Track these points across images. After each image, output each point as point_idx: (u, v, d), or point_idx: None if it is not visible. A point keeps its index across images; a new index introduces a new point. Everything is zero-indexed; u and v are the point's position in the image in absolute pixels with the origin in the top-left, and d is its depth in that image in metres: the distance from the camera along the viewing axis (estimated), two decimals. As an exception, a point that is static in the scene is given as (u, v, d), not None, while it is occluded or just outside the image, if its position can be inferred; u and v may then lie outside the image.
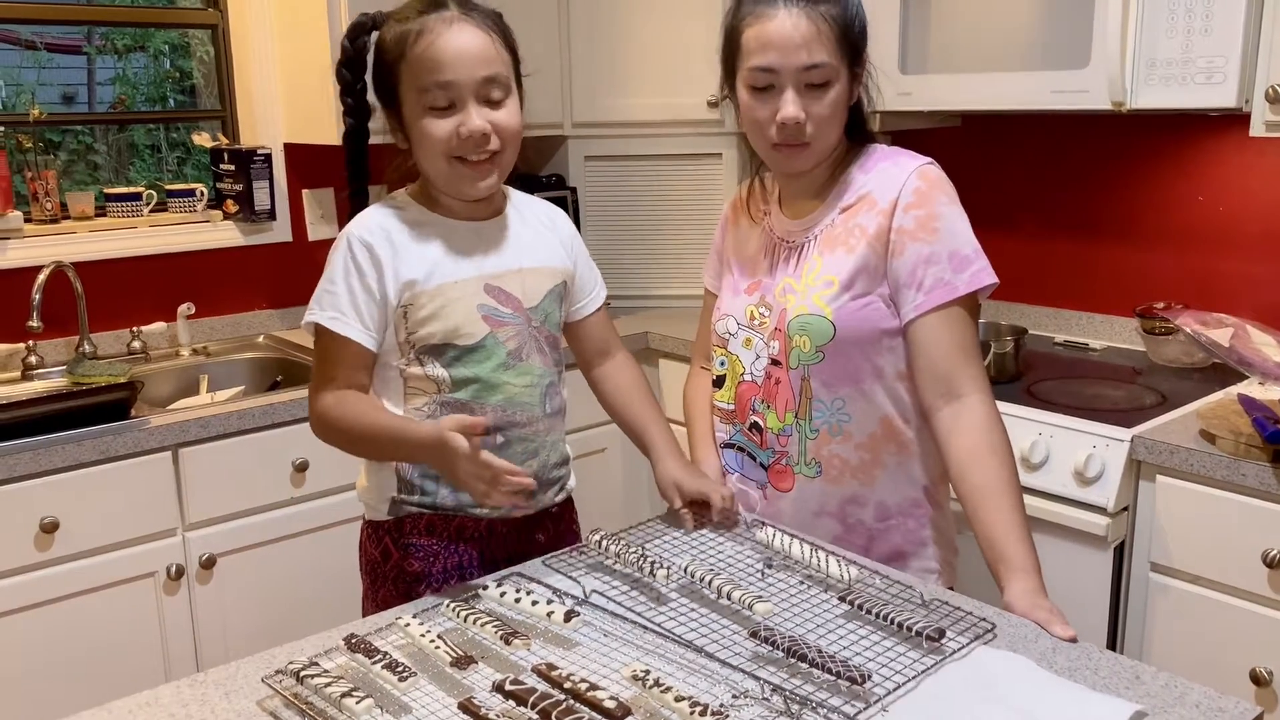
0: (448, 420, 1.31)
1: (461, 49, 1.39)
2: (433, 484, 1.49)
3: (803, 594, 1.31)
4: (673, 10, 2.94)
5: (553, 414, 1.55)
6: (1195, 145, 2.44)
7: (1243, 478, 1.79)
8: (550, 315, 1.54)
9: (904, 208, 1.44)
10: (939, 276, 1.42)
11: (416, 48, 1.39)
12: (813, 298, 1.47)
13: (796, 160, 1.49)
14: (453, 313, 1.44)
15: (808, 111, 1.43)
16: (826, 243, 1.50)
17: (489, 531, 1.51)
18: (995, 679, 1.11)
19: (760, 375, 1.55)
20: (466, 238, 1.48)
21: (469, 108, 1.39)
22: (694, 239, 3.10)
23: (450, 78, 1.38)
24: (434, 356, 1.45)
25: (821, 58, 1.41)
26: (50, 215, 2.58)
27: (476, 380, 1.45)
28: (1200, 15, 1.99)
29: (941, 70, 2.40)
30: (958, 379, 1.43)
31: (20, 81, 2.84)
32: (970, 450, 1.40)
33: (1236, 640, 1.84)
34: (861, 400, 1.48)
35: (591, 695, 1.03)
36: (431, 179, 1.47)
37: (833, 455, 1.50)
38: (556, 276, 1.55)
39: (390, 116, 1.47)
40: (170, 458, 2.17)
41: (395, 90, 1.43)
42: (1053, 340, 2.65)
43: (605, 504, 2.89)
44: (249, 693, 1.12)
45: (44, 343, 2.54)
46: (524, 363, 1.49)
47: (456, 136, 1.39)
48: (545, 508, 1.57)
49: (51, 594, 2.06)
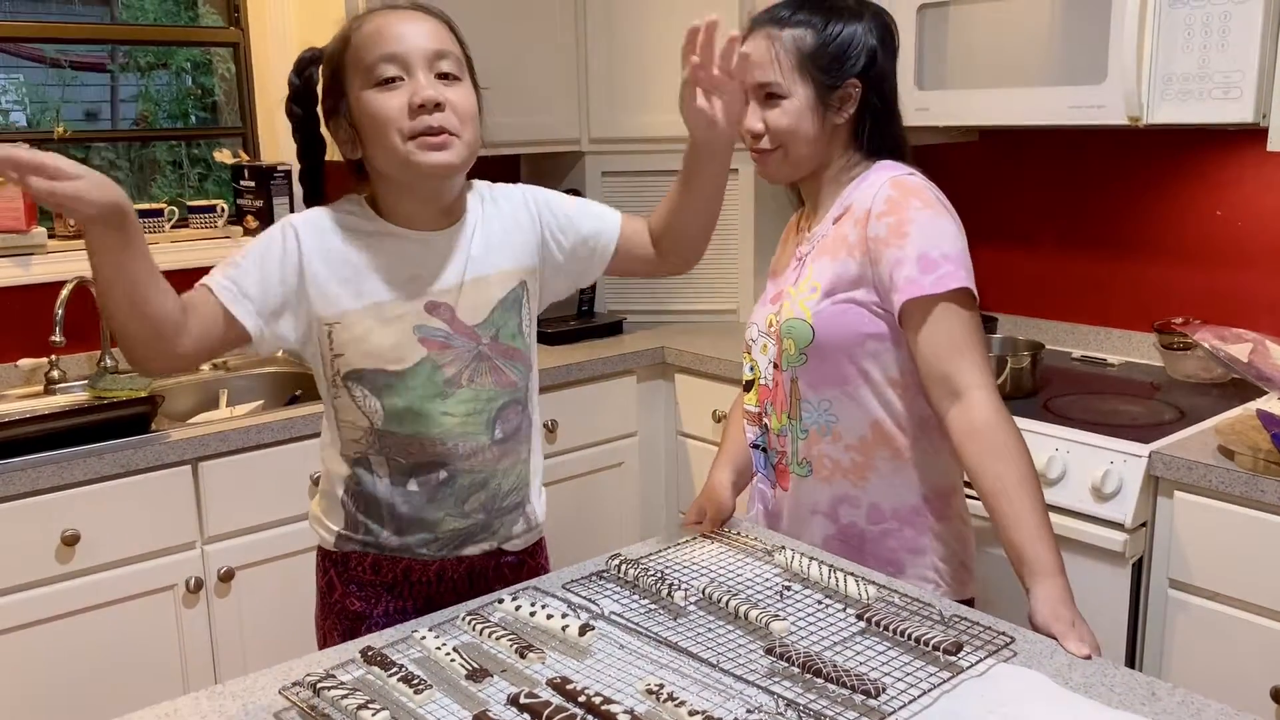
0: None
1: (407, 22, 1.32)
2: (376, 525, 1.41)
3: (820, 611, 1.31)
4: (688, 26, 2.95)
5: (505, 439, 1.43)
6: (1212, 160, 2.43)
7: (1262, 494, 1.78)
8: (505, 326, 1.41)
9: (876, 216, 1.49)
10: (908, 276, 1.45)
11: (359, 34, 1.32)
12: (799, 303, 1.55)
13: (766, 166, 1.61)
14: (385, 334, 1.34)
15: (765, 121, 1.55)
16: (820, 251, 1.57)
17: (437, 578, 1.44)
18: (1011, 695, 1.10)
19: (769, 379, 1.62)
20: (413, 251, 1.37)
21: (418, 77, 1.29)
22: (710, 255, 3.07)
23: (398, 49, 1.30)
24: (362, 384, 1.36)
25: (771, 78, 1.54)
26: (73, 231, 2.61)
27: (410, 411, 1.36)
28: (1217, 30, 1.99)
29: (958, 86, 2.40)
30: (955, 375, 1.44)
31: (45, 99, 2.88)
32: (978, 454, 1.41)
33: (1257, 658, 1.83)
34: (848, 402, 1.53)
35: (606, 709, 1.03)
36: (387, 171, 1.34)
37: (822, 455, 1.56)
38: (512, 280, 1.42)
39: (340, 127, 1.36)
40: (190, 471, 2.18)
41: (342, 88, 1.34)
42: (1070, 355, 2.64)
43: (622, 518, 2.89)
44: (267, 704, 1.13)
45: (66, 357, 2.57)
46: (465, 388, 1.38)
47: (409, 108, 1.29)
48: (501, 550, 1.48)
49: (72, 606, 2.07)
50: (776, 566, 1.43)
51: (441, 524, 1.42)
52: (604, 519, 2.86)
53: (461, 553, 1.45)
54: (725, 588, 1.33)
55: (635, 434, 2.89)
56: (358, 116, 1.33)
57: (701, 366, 2.76)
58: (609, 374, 2.79)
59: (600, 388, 2.79)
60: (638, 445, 2.90)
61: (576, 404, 2.74)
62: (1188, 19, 2.02)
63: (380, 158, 1.34)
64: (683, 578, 1.40)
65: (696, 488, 2.72)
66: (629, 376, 2.84)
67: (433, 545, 1.43)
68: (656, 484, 2.97)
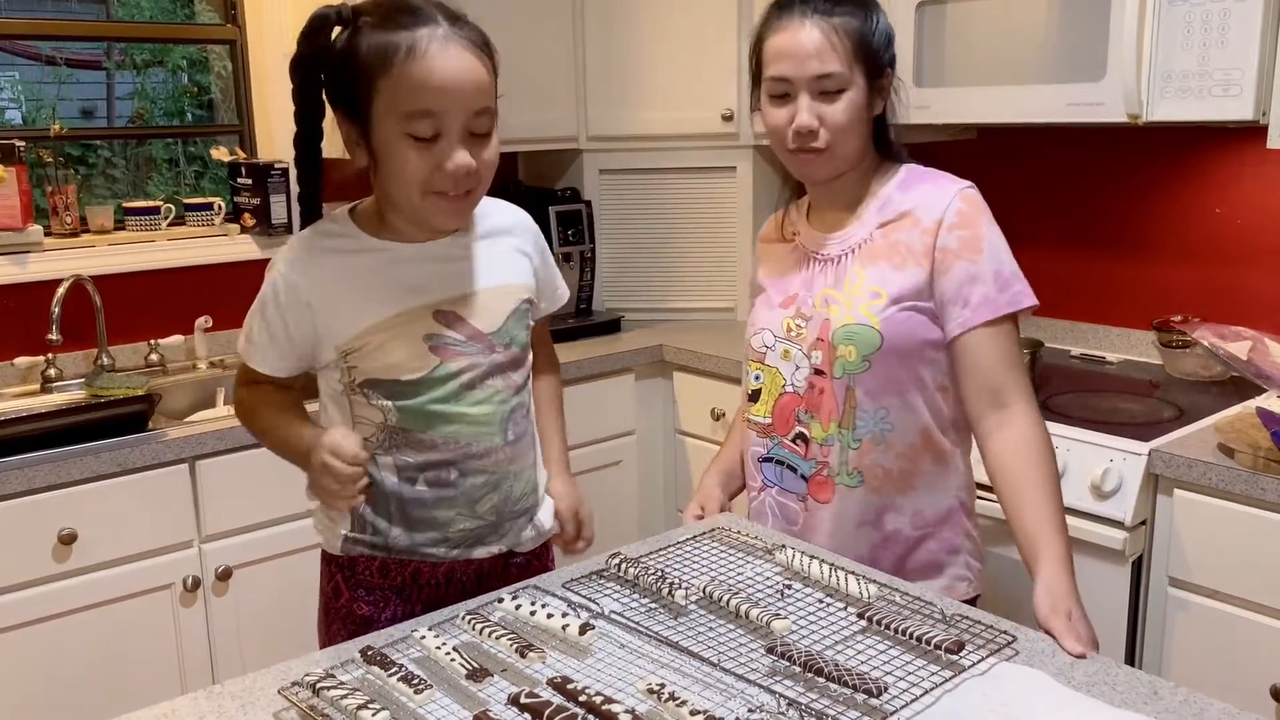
0: (329, 436, 1.28)
1: (456, 77, 1.24)
2: (384, 523, 1.41)
3: (821, 610, 1.30)
4: (688, 24, 2.95)
5: (516, 440, 1.43)
6: (1212, 158, 2.43)
7: (1262, 492, 1.78)
8: (517, 337, 1.42)
9: (948, 228, 1.47)
10: (985, 294, 1.45)
11: (404, 67, 1.23)
12: (859, 308, 1.49)
13: (814, 166, 1.52)
14: (393, 349, 1.34)
15: (822, 118, 1.47)
16: (867, 256, 1.52)
17: (446, 580, 1.44)
18: (1013, 695, 1.10)
19: (802, 386, 1.55)
20: (413, 263, 1.37)
21: (454, 142, 1.26)
22: (708, 252, 3.11)
23: (441, 108, 1.24)
24: (376, 390, 1.36)
25: (833, 67, 1.46)
26: (70, 229, 2.61)
27: (424, 412, 1.36)
28: (1216, 28, 1.98)
29: (957, 83, 2.40)
30: (1005, 390, 1.46)
31: (41, 97, 2.87)
32: (1013, 450, 1.44)
33: (1257, 656, 1.83)
34: (905, 410, 1.50)
35: (607, 709, 1.03)
36: (396, 206, 1.34)
37: (875, 465, 1.52)
38: (520, 294, 1.44)
39: (351, 128, 1.31)
40: (187, 470, 2.18)
41: (366, 105, 1.27)
42: (1069, 353, 2.64)
43: (621, 517, 2.89)
44: (266, 704, 1.12)
45: (63, 355, 2.56)
46: (479, 390, 1.38)
47: (438, 171, 1.27)
48: (510, 552, 1.48)
49: (69, 606, 2.07)
50: (777, 565, 1.42)
51: (453, 524, 1.42)
52: (602, 517, 2.81)
53: (471, 554, 1.44)
54: (726, 586, 1.32)
55: (633, 432, 2.88)
56: (379, 148, 1.29)
57: (700, 364, 2.76)
58: (607, 372, 2.79)
59: (598, 386, 2.78)
60: (636, 443, 2.90)
61: (574, 402, 2.70)
62: (1187, 16, 2.02)
63: (395, 194, 1.33)
64: (683, 576, 1.39)
65: (695, 486, 2.71)
66: (627, 374, 2.84)
67: (443, 546, 1.42)
68: (655, 482, 2.97)
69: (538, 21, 2.94)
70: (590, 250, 3.07)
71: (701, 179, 3.07)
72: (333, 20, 1.29)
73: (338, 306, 1.35)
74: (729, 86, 2.94)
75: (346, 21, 1.28)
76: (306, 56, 1.31)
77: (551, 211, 2.96)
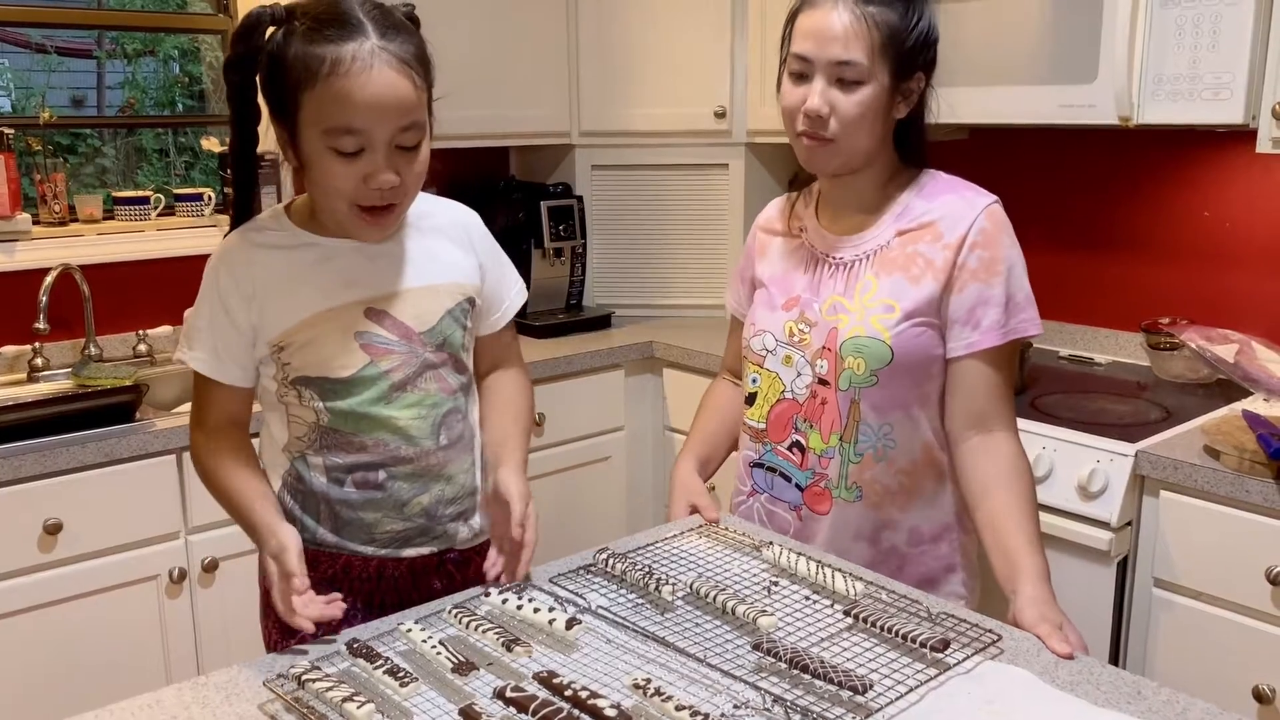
0: (291, 541, 1.26)
1: (378, 96, 1.21)
2: (312, 521, 1.40)
3: (808, 607, 1.31)
4: (681, 20, 2.95)
5: (449, 444, 1.41)
6: (1201, 161, 2.44)
7: (1247, 494, 1.79)
8: (451, 337, 1.40)
9: (970, 246, 1.45)
10: (994, 319, 1.44)
11: (328, 84, 1.21)
12: (870, 320, 1.46)
13: (817, 155, 1.47)
14: (324, 344, 1.33)
15: (833, 106, 1.43)
16: (882, 265, 1.48)
17: (377, 574, 1.41)
18: (998, 693, 1.11)
19: (803, 393, 1.52)
20: (347, 259, 1.35)
21: (378, 157, 1.24)
22: (700, 249, 3.11)
23: (364, 126, 1.22)
24: (309, 389, 1.35)
25: (855, 56, 1.41)
26: (58, 218, 2.59)
27: (354, 414, 1.35)
28: (1208, 32, 1.99)
29: (949, 83, 2.38)
30: (992, 416, 1.46)
31: (30, 85, 2.86)
32: (995, 475, 1.44)
33: (1239, 657, 1.84)
34: (908, 426, 1.49)
35: (592, 703, 1.03)
36: (323, 212, 1.34)
37: (874, 480, 1.49)
38: (458, 294, 1.41)
39: (281, 131, 1.30)
40: (174, 461, 2.17)
41: (293, 115, 1.26)
42: (1057, 354, 2.64)
43: (609, 513, 2.89)
44: (250, 696, 1.12)
45: (50, 345, 2.55)
46: (410, 392, 1.36)
47: (362, 185, 1.25)
48: (444, 550, 1.44)
49: (54, 596, 2.06)
50: (764, 562, 1.42)
51: (379, 525, 1.40)
52: (590, 513, 2.85)
53: (400, 554, 1.42)
54: (713, 583, 1.33)
55: (622, 428, 2.88)
56: (305, 157, 1.28)
57: (690, 361, 2.76)
58: (597, 368, 2.79)
59: (588, 381, 2.78)
60: (625, 440, 2.90)
61: (563, 398, 2.73)
62: (1179, 19, 2.02)
63: (320, 203, 1.33)
64: (670, 572, 1.40)
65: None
66: (617, 370, 2.84)
67: (370, 545, 1.41)
68: (643, 478, 2.97)
69: (531, 16, 2.94)
70: (582, 246, 3.07)
71: (694, 175, 3.07)
72: (266, 20, 1.27)
73: (273, 299, 1.34)
74: (722, 83, 2.94)
75: (281, 21, 1.27)
76: (242, 57, 1.29)
77: (543, 206, 2.96)
